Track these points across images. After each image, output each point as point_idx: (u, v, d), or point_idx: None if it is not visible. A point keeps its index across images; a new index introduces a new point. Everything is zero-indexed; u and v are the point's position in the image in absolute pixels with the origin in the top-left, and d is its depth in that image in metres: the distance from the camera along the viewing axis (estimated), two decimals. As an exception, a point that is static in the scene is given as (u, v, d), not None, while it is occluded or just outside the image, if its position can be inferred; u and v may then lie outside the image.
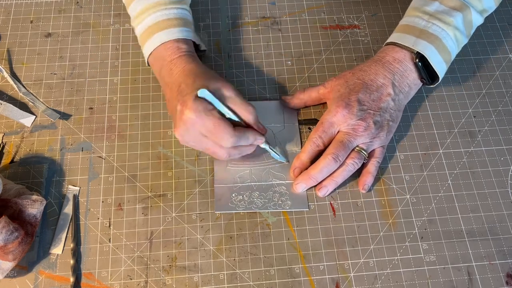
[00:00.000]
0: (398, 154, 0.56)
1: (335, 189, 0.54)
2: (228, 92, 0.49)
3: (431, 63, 0.53)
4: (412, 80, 0.55)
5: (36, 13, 0.65)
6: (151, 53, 0.54)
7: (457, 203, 0.54)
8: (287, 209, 0.53)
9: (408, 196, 0.54)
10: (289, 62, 0.62)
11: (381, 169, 0.55)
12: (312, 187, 0.54)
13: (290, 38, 0.64)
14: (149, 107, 0.59)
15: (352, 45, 0.64)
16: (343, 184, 0.54)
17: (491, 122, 0.59)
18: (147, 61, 0.56)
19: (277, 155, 0.54)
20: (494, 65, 0.63)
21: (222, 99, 0.48)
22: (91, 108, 0.59)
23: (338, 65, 0.62)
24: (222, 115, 0.48)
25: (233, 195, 0.53)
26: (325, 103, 0.58)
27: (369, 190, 0.54)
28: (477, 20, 0.56)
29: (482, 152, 0.57)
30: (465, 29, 0.55)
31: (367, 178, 0.53)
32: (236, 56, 0.62)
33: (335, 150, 0.51)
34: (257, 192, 0.53)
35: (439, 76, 0.55)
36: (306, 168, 0.53)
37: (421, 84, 0.56)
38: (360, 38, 0.64)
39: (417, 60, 0.53)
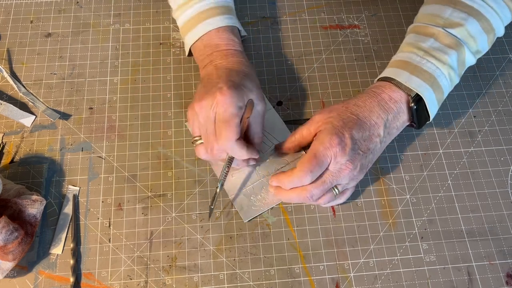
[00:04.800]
0: (398, 154, 0.56)
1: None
2: (259, 108, 0.52)
3: (427, 105, 0.51)
4: (401, 122, 0.52)
5: (36, 13, 0.65)
6: (200, 38, 0.56)
7: (457, 203, 0.54)
8: None
9: (408, 196, 0.54)
10: (289, 62, 0.62)
11: (381, 169, 0.55)
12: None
13: (290, 38, 0.64)
14: (149, 107, 0.59)
15: (352, 45, 0.64)
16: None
17: (491, 122, 0.59)
18: (189, 49, 0.59)
19: (220, 184, 0.51)
20: (494, 65, 0.63)
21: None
22: (91, 108, 0.59)
23: (338, 65, 0.62)
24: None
25: (252, 197, 0.53)
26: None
27: (369, 189, 0.54)
28: (470, 60, 0.53)
29: (482, 152, 0.57)
30: (458, 68, 0.52)
31: (318, 203, 0.51)
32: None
33: (315, 190, 0.48)
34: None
35: (431, 117, 0.52)
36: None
37: (404, 126, 0.53)
38: (360, 38, 0.64)
39: (412, 104, 0.50)
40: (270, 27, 0.65)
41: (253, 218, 0.52)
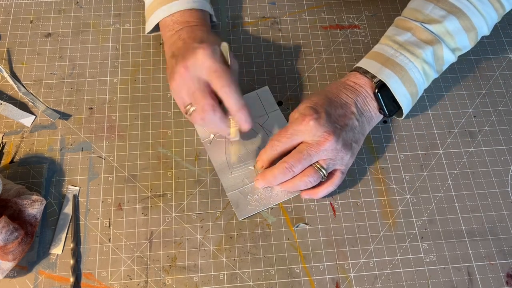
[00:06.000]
0: (398, 154, 0.56)
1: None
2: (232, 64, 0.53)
3: (393, 94, 0.52)
4: (373, 107, 0.53)
5: (36, 13, 0.65)
6: (169, 15, 0.56)
7: (457, 203, 0.54)
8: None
9: (408, 196, 0.54)
10: (289, 62, 0.62)
11: (381, 169, 0.55)
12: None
13: (290, 38, 0.64)
14: (149, 107, 0.59)
15: (352, 45, 0.64)
16: (343, 184, 0.54)
17: (491, 122, 0.59)
18: (148, 29, 0.59)
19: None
20: (494, 65, 0.63)
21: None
22: (91, 108, 0.59)
23: (338, 65, 0.62)
24: None
25: (249, 196, 0.53)
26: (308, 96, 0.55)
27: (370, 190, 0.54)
28: (449, 57, 0.54)
29: (482, 152, 0.57)
30: (436, 64, 0.53)
31: (312, 195, 0.52)
32: (236, 56, 0.62)
33: (292, 160, 0.49)
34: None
35: (403, 108, 0.53)
36: (268, 164, 0.52)
37: (381, 116, 0.55)
38: (360, 38, 0.64)
39: (376, 90, 0.52)
40: (270, 27, 0.65)
41: (247, 217, 0.52)
